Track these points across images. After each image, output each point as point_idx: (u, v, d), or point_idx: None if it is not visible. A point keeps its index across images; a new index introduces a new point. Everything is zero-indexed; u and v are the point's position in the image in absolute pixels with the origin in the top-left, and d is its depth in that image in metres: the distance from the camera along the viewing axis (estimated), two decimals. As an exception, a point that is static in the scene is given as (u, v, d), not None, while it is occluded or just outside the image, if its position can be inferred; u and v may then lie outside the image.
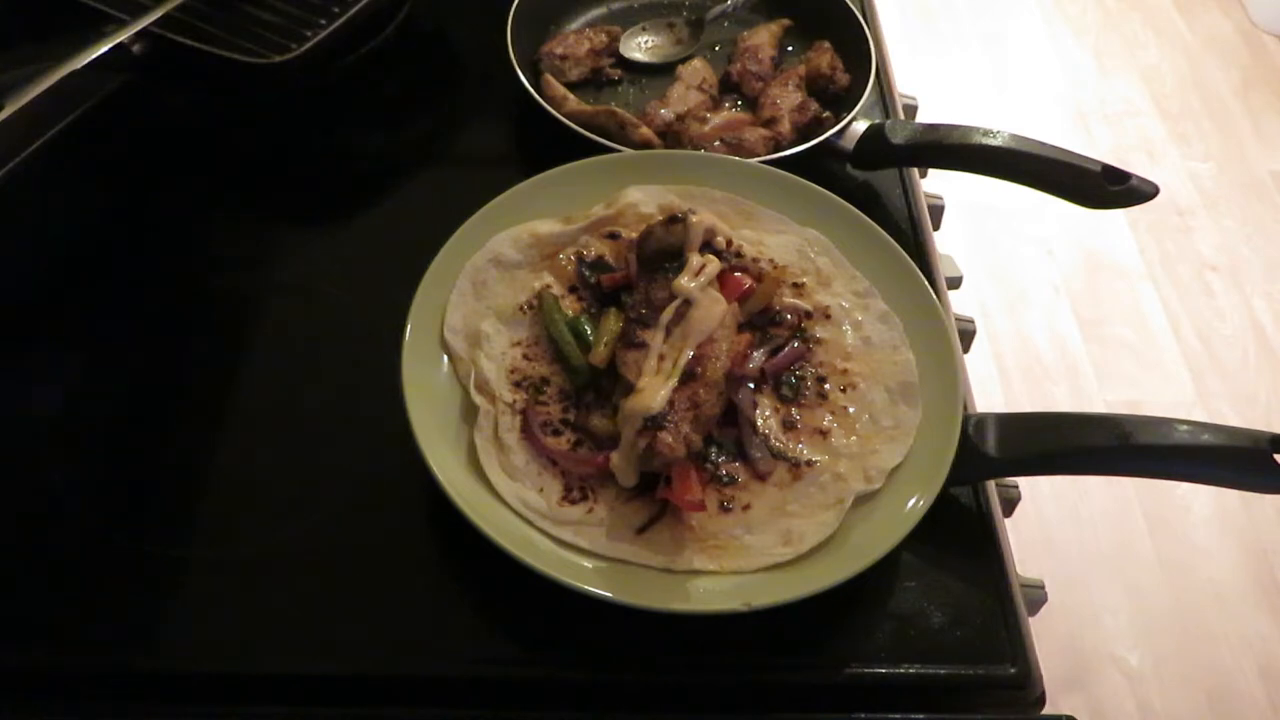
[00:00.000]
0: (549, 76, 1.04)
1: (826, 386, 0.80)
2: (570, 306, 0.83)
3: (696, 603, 0.70)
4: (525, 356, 0.80)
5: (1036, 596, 0.81)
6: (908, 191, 1.04)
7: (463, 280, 0.83)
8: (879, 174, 1.04)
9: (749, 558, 0.72)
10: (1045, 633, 0.77)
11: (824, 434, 0.78)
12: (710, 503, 0.74)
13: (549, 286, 0.83)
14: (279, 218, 1.00)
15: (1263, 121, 2.81)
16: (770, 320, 0.82)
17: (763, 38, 1.12)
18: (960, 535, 0.79)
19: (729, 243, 0.85)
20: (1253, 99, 2.86)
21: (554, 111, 0.99)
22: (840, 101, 1.07)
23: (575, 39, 1.10)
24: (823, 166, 1.00)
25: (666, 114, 1.03)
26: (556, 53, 1.08)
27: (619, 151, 0.95)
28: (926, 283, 0.85)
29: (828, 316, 0.84)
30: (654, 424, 0.71)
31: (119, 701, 0.69)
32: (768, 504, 0.75)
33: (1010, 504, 0.88)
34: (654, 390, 0.73)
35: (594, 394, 0.78)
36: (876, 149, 1.00)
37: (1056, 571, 1.95)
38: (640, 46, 1.13)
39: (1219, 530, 2.04)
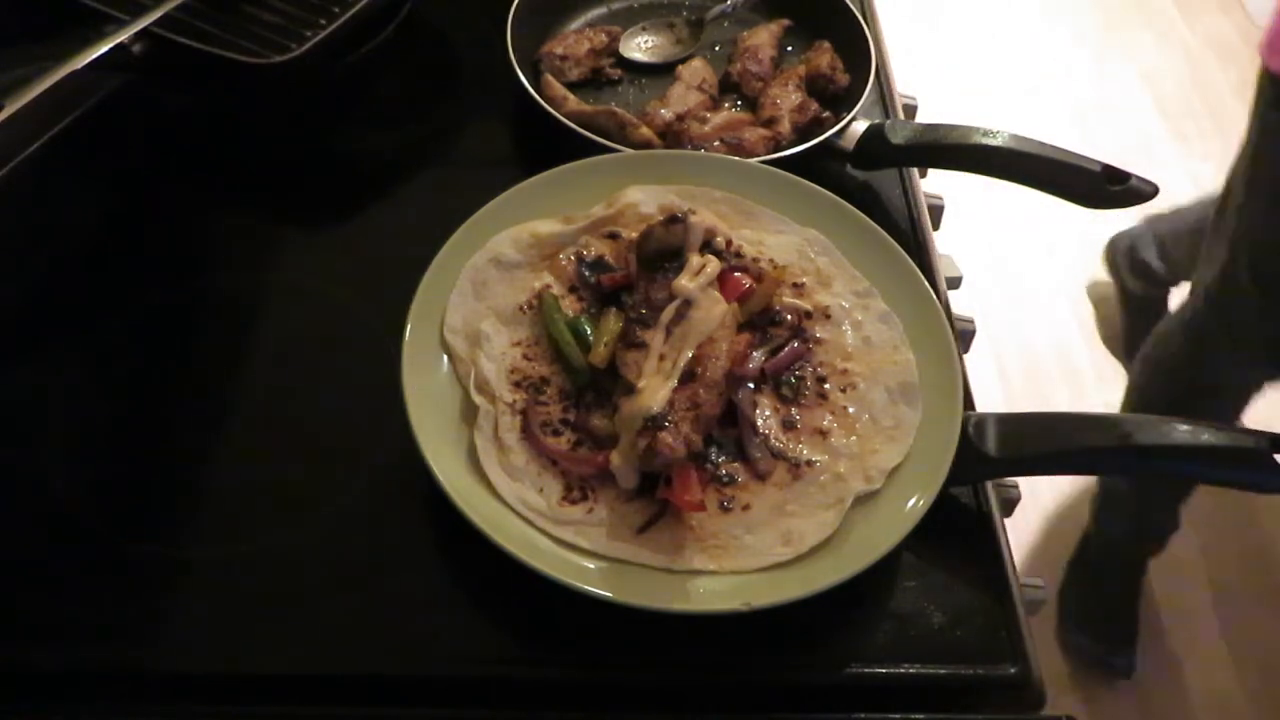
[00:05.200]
0: (549, 76, 1.04)
1: (826, 386, 0.80)
2: (570, 306, 0.83)
3: (696, 603, 0.70)
4: (525, 356, 0.80)
5: (1036, 596, 0.81)
6: (908, 191, 1.04)
7: (463, 280, 0.83)
8: (879, 174, 1.04)
9: (749, 558, 0.72)
10: (1045, 633, 0.77)
11: (824, 434, 0.78)
12: (710, 503, 0.74)
13: (549, 286, 0.83)
14: (279, 218, 1.00)
15: (1263, 121, 2.80)
16: (770, 320, 0.82)
17: (763, 38, 1.12)
18: (960, 535, 0.79)
19: (729, 243, 0.85)
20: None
21: (554, 111, 0.99)
22: (840, 101, 1.07)
23: (575, 39, 1.10)
24: (823, 166, 1.00)
25: (666, 114, 1.02)
26: (556, 53, 1.08)
27: (619, 151, 0.95)
28: (926, 283, 0.85)
29: (828, 316, 0.84)
30: (654, 424, 0.71)
31: (119, 701, 0.69)
32: (768, 504, 0.75)
33: (1010, 504, 0.88)
34: (654, 390, 0.73)
35: (594, 394, 0.78)
36: (876, 149, 1.00)
37: (1057, 572, 1.95)
38: (640, 46, 1.13)
39: (1219, 530, 2.04)
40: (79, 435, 0.81)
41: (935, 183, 1.13)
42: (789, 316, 0.83)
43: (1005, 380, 2.26)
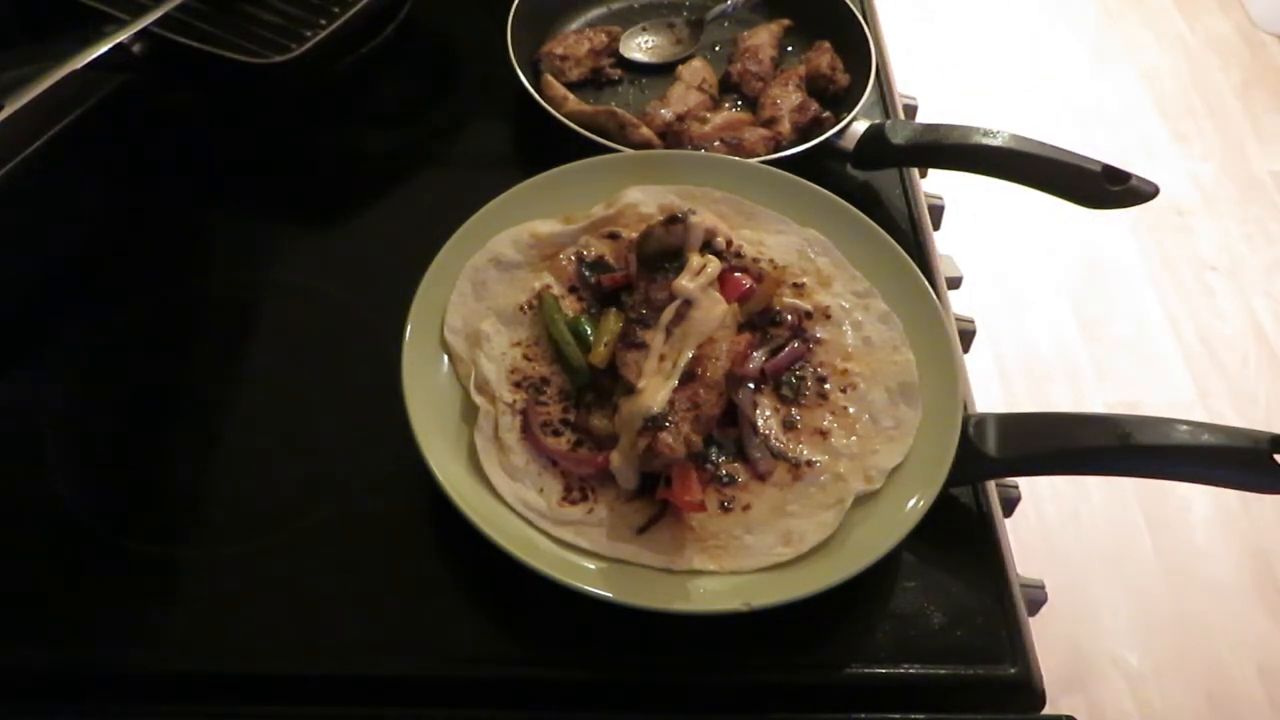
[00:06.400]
0: (549, 76, 1.04)
1: (827, 387, 0.80)
2: (570, 306, 0.83)
3: (696, 603, 0.70)
4: (525, 356, 0.80)
5: (1036, 596, 0.81)
6: (908, 191, 1.04)
7: (463, 280, 0.83)
8: (879, 174, 1.04)
9: (749, 558, 0.72)
10: (1045, 633, 0.77)
11: (824, 434, 0.78)
12: (710, 503, 0.74)
13: (549, 286, 0.83)
14: (279, 218, 1.00)
15: (1263, 121, 2.81)
16: (770, 320, 0.82)
17: (763, 38, 1.12)
18: (960, 535, 0.79)
19: (729, 243, 0.85)
20: (1253, 99, 2.86)
21: (554, 111, 0.99)
22: (840, 101, 1.07)
23: (575, 39, 1.10)
24: (823, 166, 1.00)
25: (666, 114, 1.02)
26: (556, 53, 1.08)
27: (619, 151, 0.95)
28: (926, 283, 0.85)
29: (828, 317, 0.84)
30: (654, 424, 0.71)
31: (119, 702, 0.69)
32: (768, 504, 0.75)
33: (1010, 504, 0.88)
34: (654, 391, 0.73)
35: (594, 394, 0.78)
36: (876, 149, 1.00)
37: (1056, 571, 1.95)
38: (640, 46, 1.13)
39: (1219, 530, 2.04)
40: (79, 435, 0.81)
41: (935, 183, 1.13)
42: (789, 317, 0.83)
43: (1005, 380, 2.26)
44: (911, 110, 1.20)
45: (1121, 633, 1.91)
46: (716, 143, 0.99)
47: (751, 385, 0.79)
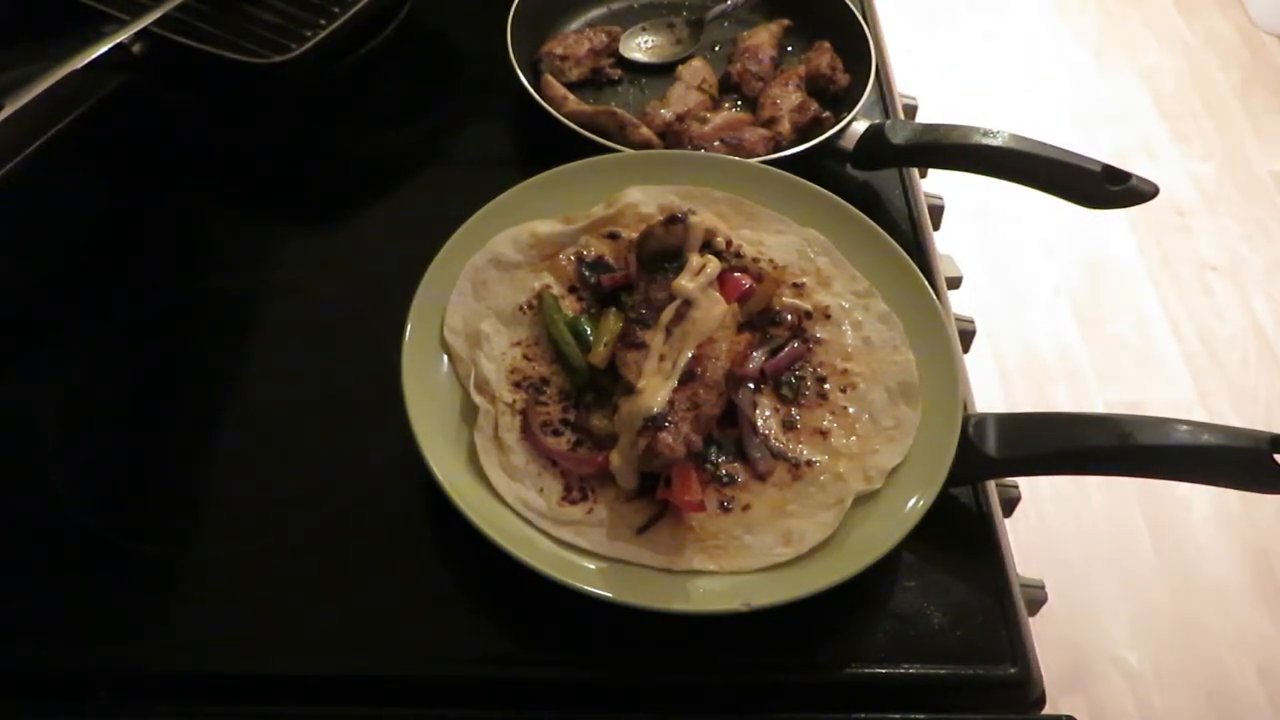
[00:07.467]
0: (549, 77, 1.04)
1: (826, 386, 0.80)
2: (570, 306, 0.83)
3: (696, 603, 0.70)
4: (525, 356, 0.80)
5: (1036, 596, 0.81)
6: (908, 191, 1.04)
7: (463, 280, 0.83)
8: (879, 174, 1.04)
9: (749, 558, 0.72)
10: (1045, 633, 0.77)
11: (824, 434, 0.78)
12: (710, 503, 0.74)
13: (549, 286, 0.83)
14: (279, 218, 1.00)
15: (1263, 121, 2.81)
16: (770, 320, 0.82)
17: (763, 38, 1.12)
18: (960, 535, 0.79)
19: (729, 243, 0.85)
20: (1253, 99, 2.86)
21: (554, 111, 0.99)
22: (840, 101, 1.07)
23: (575, 39, 1.10)
24: (823, 166, 1.00)
25: (666, 114, 1.02)
26: (556, 53, 1.08)
27: (619, 151, 0.95)
28: (926, 283, 0.85)
29: (828, 316, 0.84)
30: (654, 424, 0.71)
31: (119, 702, 0.69)
32: (768, 504, 0.75)
33: (1010, 504, 0.88)
34: (654, 391, 0.73)
35: (594, 394, 0.78)
36: (876, 149, 1.00)
37: (1056, 571, 1.95)
38: (640, 46, 1.13)
39: (1219, 530, 2.04)
40: (79, 435, 0.81)
41: (935, 183, 1.13)
42: (789, 316, 0.83)
43: (1005, 380, 2.26)
44: (911, 110, 1.20)
45: (1121, 633, 1.91)
46: (716, 143, 0.99)
47: (751, 385, 0.79)
